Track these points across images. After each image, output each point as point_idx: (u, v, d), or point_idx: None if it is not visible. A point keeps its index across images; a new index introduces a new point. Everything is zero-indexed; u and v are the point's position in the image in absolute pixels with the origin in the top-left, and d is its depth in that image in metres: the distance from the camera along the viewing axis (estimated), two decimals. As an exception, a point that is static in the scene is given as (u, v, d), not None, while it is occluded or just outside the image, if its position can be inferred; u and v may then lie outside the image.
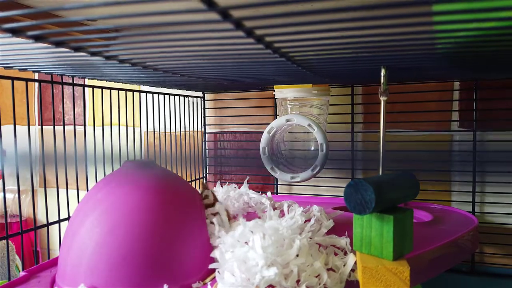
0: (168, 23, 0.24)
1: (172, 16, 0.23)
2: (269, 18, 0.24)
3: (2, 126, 0.48)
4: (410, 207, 0.37)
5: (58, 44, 0.31)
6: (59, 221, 0.55)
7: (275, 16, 0.24)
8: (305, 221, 0.47)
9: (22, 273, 0.45)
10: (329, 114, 0.73)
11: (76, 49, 0.32)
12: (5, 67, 0.44)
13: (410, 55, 0.35)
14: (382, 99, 0.40)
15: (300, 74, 0.49)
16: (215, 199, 0.47)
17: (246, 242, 0.40)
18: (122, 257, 0.38)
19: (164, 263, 0.39)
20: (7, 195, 0.86)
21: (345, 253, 0.42)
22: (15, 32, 0.28)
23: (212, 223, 0.44)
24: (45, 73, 0.50)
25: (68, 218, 0.55)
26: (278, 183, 0.83)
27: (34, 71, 0.48)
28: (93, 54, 0.34)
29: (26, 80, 0.48)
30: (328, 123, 0.73)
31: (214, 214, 0.45)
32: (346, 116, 0.76)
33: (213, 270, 0.40)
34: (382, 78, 0.40)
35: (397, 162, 0.72)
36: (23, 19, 0.28)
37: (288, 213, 0.49)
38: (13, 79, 0.47)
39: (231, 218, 0.47)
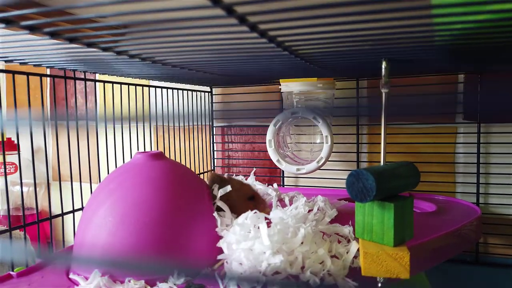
0: (175, 19, 0.26)
1: (179, 12, 0.25)
2: (272, 13, 0.25)
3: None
4: (414, 197, 0.38)
5: (71, 40, 0.32)
6: (73, 211, 0.57)
7: (278, 11, 0.25)
8: (309, 210, 0.48)
9: (38, 260, 0.47)
10: (334, 107, 0.74)
11: (89, 45, 0.34)
12: (20, 63, 0.45)
13: (410, 47, 0.36)
14: (383, 91, 0.41)
15: (304, 67, 0.50)
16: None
17: (248, 232, 0.41)
18: (133, 245, 0.40)
19: (173, 250, 0.41)
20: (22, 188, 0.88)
21: (348, 241, 0.43)
22: (32, 29, 0.29)
23: (219, 214, 0.45)
24: (59, 68, 0.52)
25: (82, 209, 0.57)
26: (285, 176, 0.84)
27: (48, 67, 0.50)
28: (105, 49, 0.35)
29: (41, 75, 0.50)
30: (333, 116, 0.74)
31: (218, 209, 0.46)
32: (352, 109, 0.77)
33: (221, 257, 0.42)
34: (383, 70, 0.41)
35: (402, 154, 0.73)
36: (37, 17, 0.30)
37: (293, 203, 0.50)
38: (28, 74, 0.48)
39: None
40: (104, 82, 0.62)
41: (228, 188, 0.46)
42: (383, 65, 0.41)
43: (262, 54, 0.39)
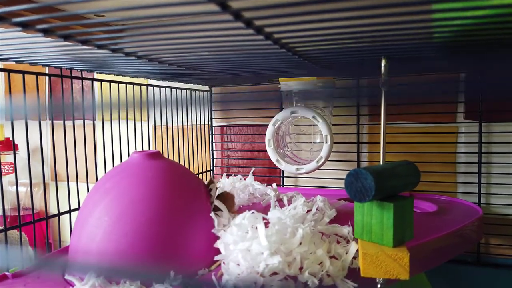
0: (168, 14, 0.25)
1: (172, 8, 0.24)
2: (268, 9, 0.24)
3: (14, 121, 0.49)
4: (414, 197, 0.37)
5: (65, 37, 0.32)
6: (70, 211, 0.56)
7: (273, 7, 0.24)
8: (308, 210, 0.48)
9: (34, 261, 0.46)
10: (334, 106, 0.73)
11: (83, 42, 0.33)
12: (16, 61, 0.45)
13: (410, 44, 0.35)
14: (383, 89, 0.40)
15: (303, 66, 0.49)
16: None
17: (246, 232, 0.41)
18: (130, 244, 0.40)
19: (170, 250, 0.40)
20: (19, 189, 0.88)
21: (348, 242, 0.43)
22: (24, 26, 0.29)
23: (216, 214, 0.45)
24: (55, 67, 0.51)
25: (78, 208, 0.57)
26: (284, 175, 0.83)
27: (44, 65, 0.49)
28: (99, 47, 0.35)
29: (37, 74, 0.50)
30: (333, 115, 0.74)
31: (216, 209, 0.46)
32: (352, 108, 0.76)
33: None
34: (382, 68, 0.40)
35: (402, 153, 0.72)
36: (30, 14, 0.29)
37: (292, 203, 0.49)
38: (24, 73, 0.48)
39: (234, 209, 0.47)
40: (101, 81, 0.62)
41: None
42: (382, 63, 0.40)
43: (259, 52, 0.39)
